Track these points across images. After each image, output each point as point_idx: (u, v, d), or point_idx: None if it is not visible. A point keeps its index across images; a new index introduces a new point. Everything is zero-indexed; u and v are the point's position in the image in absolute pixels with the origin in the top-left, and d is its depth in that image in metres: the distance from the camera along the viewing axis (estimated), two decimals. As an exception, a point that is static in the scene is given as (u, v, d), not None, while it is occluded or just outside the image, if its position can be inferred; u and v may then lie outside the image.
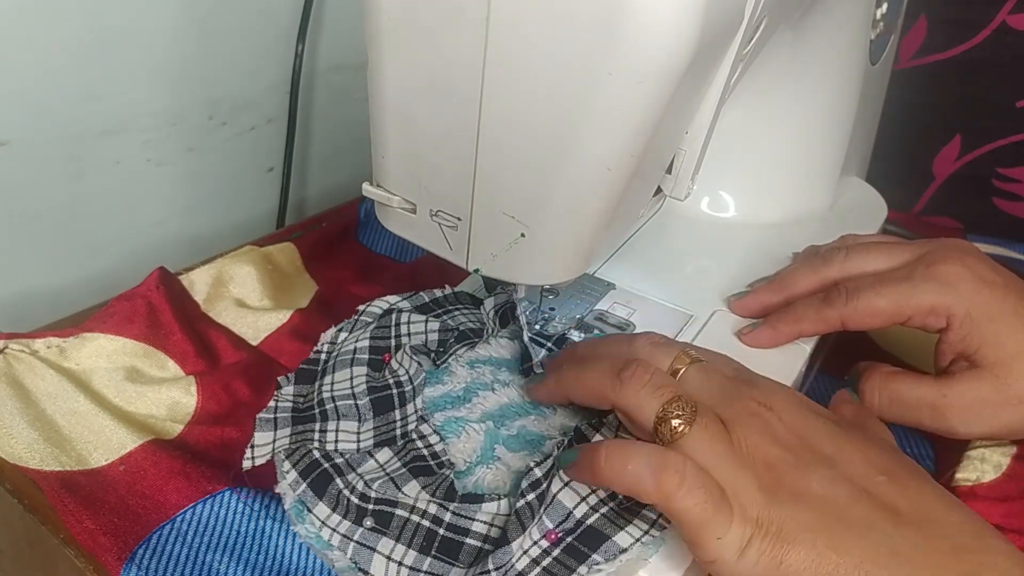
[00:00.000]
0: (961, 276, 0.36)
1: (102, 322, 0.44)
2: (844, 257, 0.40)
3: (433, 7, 0.28)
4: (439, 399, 0.37)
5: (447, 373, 0.39)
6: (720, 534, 0.27)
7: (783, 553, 0.26)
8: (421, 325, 0.40)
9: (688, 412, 0.29)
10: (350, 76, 0.70)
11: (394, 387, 0.37)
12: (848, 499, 0.27)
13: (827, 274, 0.40)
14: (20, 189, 0.51)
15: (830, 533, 0.26)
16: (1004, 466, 0.40)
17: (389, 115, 0.32)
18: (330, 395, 0.37)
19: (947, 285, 0.36)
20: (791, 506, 0.27)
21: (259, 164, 0.67)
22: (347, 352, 0.39)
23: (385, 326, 0.40)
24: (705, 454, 0.28)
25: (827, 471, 0.28)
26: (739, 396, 0.30)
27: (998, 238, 0.63)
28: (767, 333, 0.40)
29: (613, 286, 0.44)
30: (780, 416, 0.29)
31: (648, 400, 0.30)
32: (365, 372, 0.37)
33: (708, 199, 0.50)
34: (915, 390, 0.37)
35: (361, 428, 0.35)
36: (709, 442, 0.29)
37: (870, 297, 0.37)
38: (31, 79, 0.49)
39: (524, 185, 0.31)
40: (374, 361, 0.38)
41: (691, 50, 0.26)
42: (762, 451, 0.28)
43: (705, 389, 0.31)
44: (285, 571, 0.34)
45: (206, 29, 0.57)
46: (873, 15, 0.49)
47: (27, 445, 0.37)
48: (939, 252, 0.38)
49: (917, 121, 0.65)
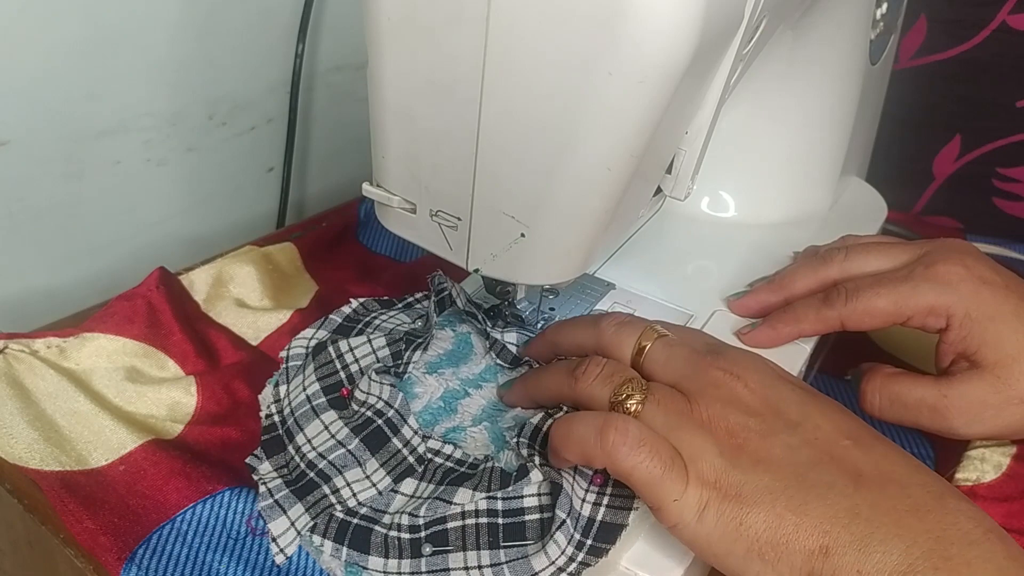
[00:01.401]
0: (961, 276, 0.36)
1: (102, 322, 0.44)
2: (844, 257, 0.40)
3: (433, 7, 0.28)
4: (423, 413, 0.37)
5: (413, 385, 0.38)
6: (675, 495, 0.27)
7: (743, 514, 0.27)
8: (366, 347, 0.38)
9: (640, 391, 0.30)
10: (350, 76, 0.70)
11: (376, 417, 0.35)
12: (809, 462, 0.27)
13: (827, 274, 0.41)
14: (20, 189, 0.51)
15: (789, 495, 0.27)
16: (1004, 466, 0.40)
17: (389, 115, 0.32)
18: (315, 453, 0.35)
19: (947, 285, 0.36)
20: (751, 471, 0.27)
21: (259, 164, 0.67)
22: (301, 404, 0.36)
23: (326, 362, 0.37)
24: (662, 424, 0.29)
25: (790, 437, 0.28)
26: (704, 367, 0.31)
27: (998, 238, 0.64)
28: (766, 333, 0.40)
29: (613, 286, 0.44)
30: (747, 383, 0.30)
31: (600, 390, 0.31)
32: (335, 416, 0.36)
33: (708, 199, 0.50)
34: (915, 391, 0.37)
35: (368, 471, 0.34)
36: (664, 414, 0.29)
37: (870, 297, 0.37)
38: (31, 79, 0.49)
39: (524, 185, 0.31)
40: (335, 401, 0.36)
41: (691, 50, 0.26)
42: (725, 419, 0.29)
43: (670, 363, 0.32)
44: (285, 571, 0.34)
45: (206, 29, 0.57)
46: (873, 15, 0.49)
47: (27, 445, 0.37)
48: (939, 252, 0.38)
49: (917, 121, 0.65)
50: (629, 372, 0.32)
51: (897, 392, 0.37)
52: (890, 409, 0.38)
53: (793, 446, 0.28)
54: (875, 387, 0.38)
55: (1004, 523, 0.37)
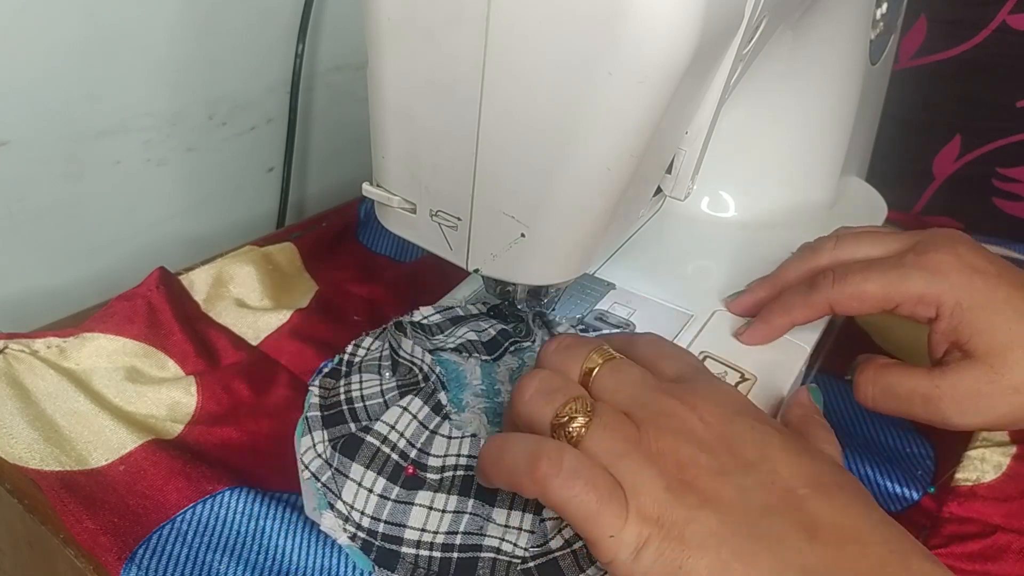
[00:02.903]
0: (952, 265, 0.35)
1: (102, 322, 0.44)
2: (834, 245, 0.40)
3: (433, 7, 0.28)
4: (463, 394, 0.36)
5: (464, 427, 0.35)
6: (612, 531, 0.25)
7: (683, 557, 0.25)
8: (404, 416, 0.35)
9: (584, 411, 0.28)
10: (350, 76, 0.70)
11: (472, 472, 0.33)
12: (762, 508, 0.25)
13: (817, 262, 0.40)
14: (20, 189, 0.51)
15: (737, 542, 0.25)
16: (1004, 466, 0.40)
17: (389, 115, 0.32)
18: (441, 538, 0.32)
19: (937, 274, 0.35)
20: (697, 510, 0.25)
21: (259, 164, 0.67)
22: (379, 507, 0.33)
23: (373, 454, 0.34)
24: (606, 452, 0.27)
25: (743, 478, 0.26)
26: (657, 394, 0.29)
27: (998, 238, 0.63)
28: (761, 329, 0.40)
29: (613, 286, 0.44)
30: (702, 415, 0.28)
31: (539, 407, 0.29)
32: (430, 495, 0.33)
33: (708, 199, 0.50)
34: (908, 381, 0.36)
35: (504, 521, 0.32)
36: (610, 440, 0.27)
37: (858, 281, 0.36)
38: (31, 79, 0.49)
39: (524, 185, 0.31)
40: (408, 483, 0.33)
41: (691, 50, 0.26)
42: (675, 452, 0.27)
43: (620, 389, 0.29)
44: (285, 571, 0.34)
45: (206, 29, 0.57)
46: (873, 15, 0.49)
47: (27, 445, 0.37)
48: (931, 241, 0.37)
49: (917, 121, 0.65)
50: (574, 389, 0.29)
51: (890, 382, 0.37)
52: (883, 400, 0.37)
53: (746, 488, 0.26)
54: (868, 378, 0.37)
55: (1004, 523, 0.37)
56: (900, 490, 0.40)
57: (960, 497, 0.39)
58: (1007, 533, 0.37)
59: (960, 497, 0.39)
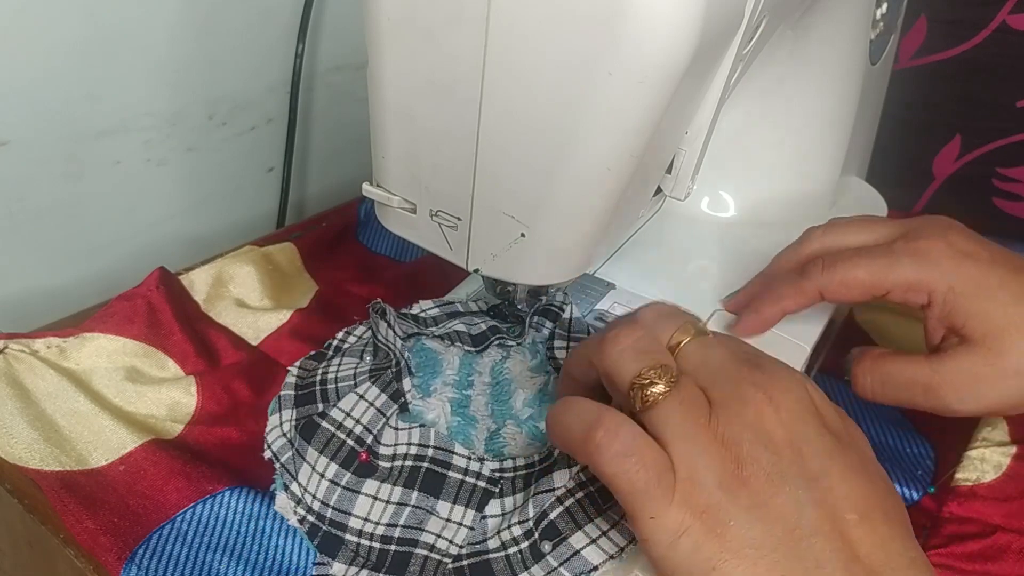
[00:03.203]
0: (942, 251, 0.35)
1: (102, 322, 0.44)
2: (823, 233, 0.39)
3: (433, 7, 0.28)
4: (453, 438, 0.35)
5: (422, 415, 0.36)
6: (654, 513, 0.25)
7: (719, 559, 0.24)
8: (361, 404, 0.36)
9: (666, 380, 0.27)
10: (350, 76, 0.70)
11: (420, 463, 0.34)
12: (810, 528, 0.25)
13: (806, 250, 0.39)
14: (20, 189, 0.51)
15: (775, 558, 0.24)
16: (1004, 466, 0.40)
17: (389, 115, 0.32)
18: (383, 527, 0.33)
19: (928, 260, 0.35)
20: (746, 512, 0.25)
21: (259, 164, 0.67)
22: (330, 491, 0.34)
23: (328, 439, 0.35)
24: (672, 429, 0.26)
25: (799, 491, 0.25)
26: (738, 378, 0.27)
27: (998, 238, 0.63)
28: (752, 319, 0.39)
29: (613, 286, 0.44)
30: (778, 409, 0.27)
31: (627, 363, 0.28)
32: (376, 484, 0.34)
33: (708, 199, 0.50)
34: (907, 370, 0.36)
35: (446, 514, 0.33)
36: (681, 417, 0.26)
37: (848, 268, 0.36)
38: (31, 79, 0.49)
39: (524, 185, 0.31)
40: (360, 469, 0.34)
41: (691, 50, 0.26)
42: (739, 444, 0.26)
43: (703, 366, 0.28)
44: (285, 571, 0.34)
45: (206, 29, 0.57)
46: (873, 15, 0.49)
47: (27, 445, 0.37)
48: (921, 228, 0.37)
49: (917, 121, 0.65)
50: (664, 356, 0.28)
51: (888, 372, 0.36)
52: (882, 390, 0.36)
53: (800, 502, 0.25)
54: (865, 368, 0.37)
55: (1004, 523, 0.37)
56: (900, 490, 0.40)
57: (960, 497, 0.39)
58: (1007, 533, 0.37)
59: (960, 497, 0.39)
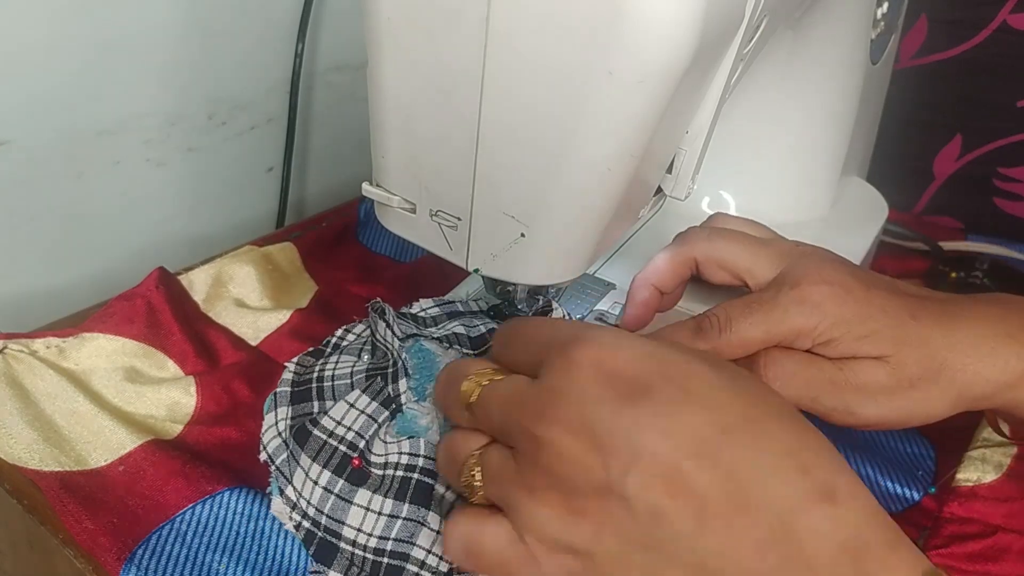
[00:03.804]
0: (824, 294, 0.35)
1: (101, 322, 0.44)
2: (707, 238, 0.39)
3: (433, 7, 0.28)
4: None
5: (416, 419, 0.35)
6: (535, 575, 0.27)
7: None
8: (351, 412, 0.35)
9: (477, 468, 0.28)
10: (350, 76, 0.70)
11: (411, 473, 0.34)
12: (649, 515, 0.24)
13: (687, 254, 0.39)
14: (20, 189, 0.51)
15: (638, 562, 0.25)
16: (1005, 466, 0.40)
17: (389, 115, 0.32)
18: (375, 540, 0.33)
19: (812, 306, 0.35)
20: (594, 538, 0.25)
21: (259, 164, 0.67)
22: (323, 499, 0.34)
23: (320, 446, 0.34)
24: (502, 502, 0.27)
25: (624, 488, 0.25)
26: (518, 420, 0.27)
27: (998, 238, 0.64)
28: None
29: (613, 286, 0.44)
30: (566, 425, 0.26)
31: (453, 480, 0.30)
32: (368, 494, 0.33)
33: (708, 199, 0.50)
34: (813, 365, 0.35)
35: (437, 526, 0.33)
36: (499, 491, 0.27)
37: (745, 328, 0.35)
38: (31, 79, 0.49)
39: (524, 185, 0.31)
40: (353, 477, 0.34)
41: (691, 50, 0.26)
42: (553, 485, 0.26)
43: (488, 420, 0.29)
44: (284, 571, 0.34)
45: (206, 29, 0.57)
46: (874, 15, 0.48)
47: (26, 445, 0.37)
48: (799, 270, 0.36)
49: (918, 121, 0.65)
50: (465, 447, 0.29)
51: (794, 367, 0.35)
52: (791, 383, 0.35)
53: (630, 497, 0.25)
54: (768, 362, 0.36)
55: (1004, 523, 0.37)
56: (901, 490, 0.40)
57: (961, 497, 0.39)
58: (1008, 533, 0.37)
59: (961, 497, 0.39)
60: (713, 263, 0.38)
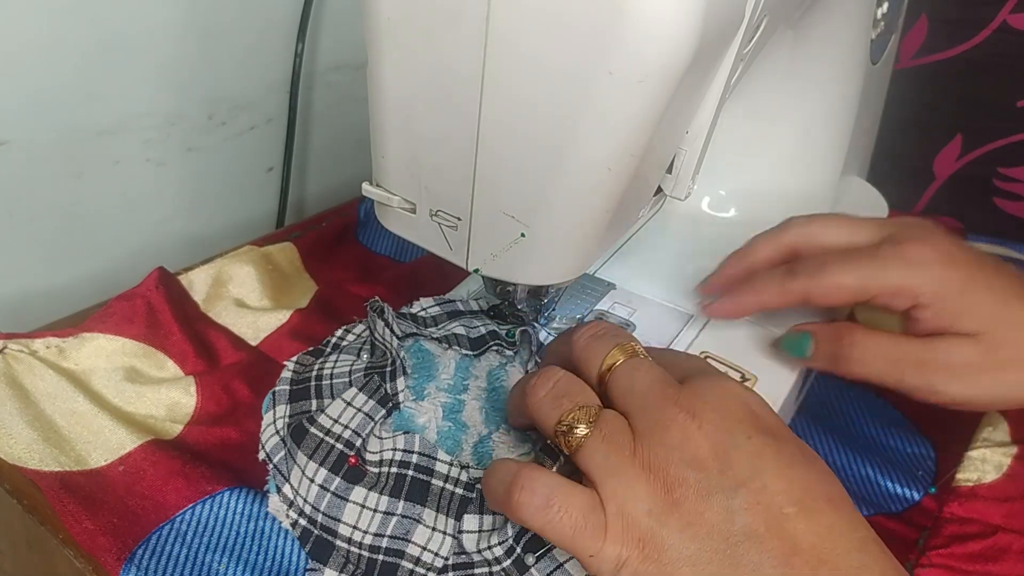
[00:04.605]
0: (929, 256, 0.35)
1: (101, 322, 0.44)
2: (805, 223, 0.39)
3: (433, 7, 0.28)
4: (442, 442, 0.35)
5: (414, 417, 0.35)
6: (591, 551, 0.26)
7: None
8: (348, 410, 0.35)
9: (587, 421, 0.28)
10: (350, 76, 0.70)
11: (405, 470, 0.34)
12: (743, 533, 0.25)
13: (785, 238, 0.39)
14: (20, 189, 0.51)
15: (711, 571, 0.25)
16: (1005, 466, 0.40)
17: (389, 115, 0.32)
18: (371, 537, 0.33)
19: (916, 266, 0.35)
20: (679, 533, 0.25)
21: (259, 164, 0.67)
22: (319, 496, 0.33)
23: (317, 444, 0.34)
24: (598, 467, 0.27)
25: (730, 499, 0.26)
26: (661, 402, 0.28)
27: (998, 238, 0.63)
28: (727, 304, 0.39)
29: (613, 286, 0.44)
30: (702, 424, 0.27)
31: (547, 411, 0.29)
32: (364, 491, 0.33)
33: (708, 199, 0.50)
34: (901, 345, 0.35)
35: (432, 523, 0.33)
36: (604, 454, 0.27)
37: (835, 273, 0.36)
38: (31, 79, 0.49)
39: (524, 185, 0.31)
40: (349, 474, 0.34)
41: (691, 50, 0.26)
42: (665, 469, 0.26)
43: (630, 392, 0.29)
44: (284, 571, 0.34)
45: (206, 29, 0.57)
46: (874, 14, 0.48)
47: (26, 445, 0.37)
48: (907, 231, 0.36)
49: (918, 121, 0.65)
50: (581, 396, 0.29)
51: (883, 347, 0.36)
52: (873, 363, 0.36)
53: (731, 510, 0.25)
54: (855, 340, 0.36)
55: (1004, 523, 0.37)
56: (901, 490, 0.40)
57: (961, 497, 0.39)
58: (1008, 533, 0.37)
59: (961, 497, 0.39)
60: (812, 246, 0.38)
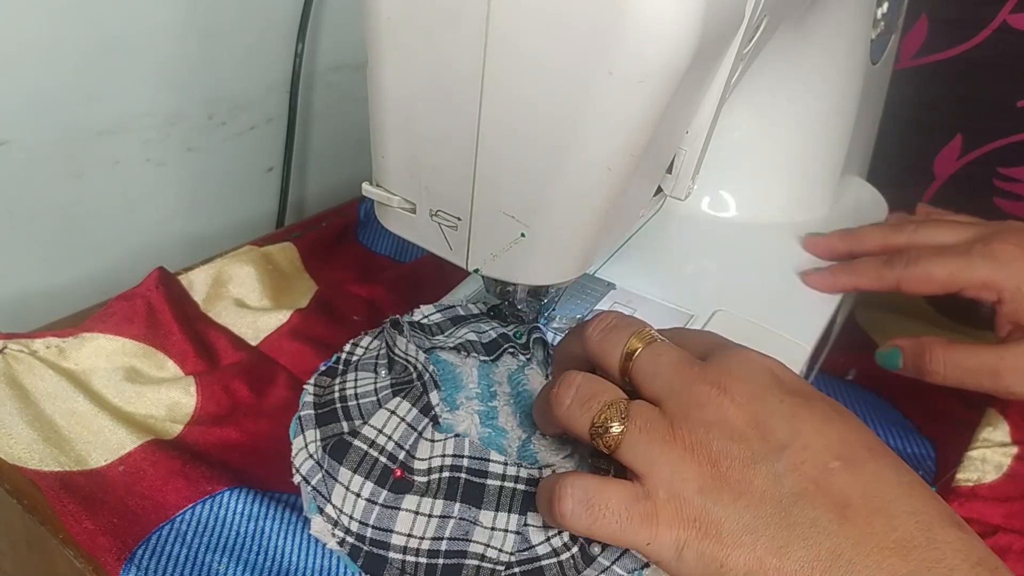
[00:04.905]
0: (1013, 255, 0.40)
1: (101, 322, 0.44)
2: (914, 229, 0.44)
3: (433, 7, 0.28)
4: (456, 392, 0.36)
5: (452, 428, 0.35)
6: (646, 540, 0.26)
7: (723, 556, 0.26)
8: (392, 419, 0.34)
9: (619, 417, 0.28)
10: (350, 76, 0.70)
11: (458, 473, 0.33)
12: (793, 494, 0.26)
13: (894, 240, 0.44)
14: (20, 189, 0.51)
15: (770, 534, 0.25)
16: (1005, 467, 0.40)
17: (389, 115, 0.32)
18: (428, 542, 0.32)
19: (1000, 263, 0.40)
20: (732, 505, 0.26)
21: (259, 164, 0.67)
22: (367, 512, 0.33)
23: (360, 458, 0.33)
24: (641, 459, 0.28)
25: (774, 463, 0.26)
26: (690, 381, 0.28)
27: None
28: (824, 278, 0.44)
29: (613, 286, 0.44)
30: (734, 397, 0.28)
31: (577, 418, 0.29)
32: (416, 499, 0.33)
33: (708, 199, 0.50)
34: (976, 356, 0.40)
35: (491, 523, 0.32)
36: (645, 445, 0.28)
37: (927, 266, 0.41)
38: (31, 79, 0.49)
39: (524, 185, 0.31)
40: (396, 486, 0.33)
41: (692, 50, 0.26)
42: (707, 446, 0.27)
43: (656, 376, 0.29)
44: (284, 571, 0.34)
45: (206, 29, 0.57)
46: (874, 14, 0.48)
47: (26, 445, 0.37)
48: (998, 232, 0.42)
49: (918, 121, 0.65)
50: (607, 394, 0.29)
51: (959, 357, 0.40)
52: (954, 374, 0.40)
53: (778, 474, 0.26)
54: (938, 355, 0.40)
55: (1004, 523, 0.37)
56: (901, 490, 0.40)
57: (961, 497, 0.39)
58: (1008, 533, 0.37)
59: (961, 497, 0.39)
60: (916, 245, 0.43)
